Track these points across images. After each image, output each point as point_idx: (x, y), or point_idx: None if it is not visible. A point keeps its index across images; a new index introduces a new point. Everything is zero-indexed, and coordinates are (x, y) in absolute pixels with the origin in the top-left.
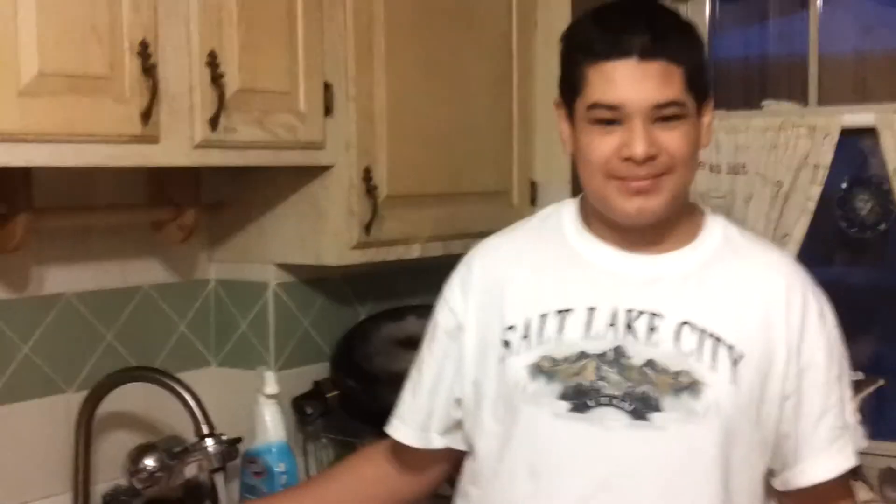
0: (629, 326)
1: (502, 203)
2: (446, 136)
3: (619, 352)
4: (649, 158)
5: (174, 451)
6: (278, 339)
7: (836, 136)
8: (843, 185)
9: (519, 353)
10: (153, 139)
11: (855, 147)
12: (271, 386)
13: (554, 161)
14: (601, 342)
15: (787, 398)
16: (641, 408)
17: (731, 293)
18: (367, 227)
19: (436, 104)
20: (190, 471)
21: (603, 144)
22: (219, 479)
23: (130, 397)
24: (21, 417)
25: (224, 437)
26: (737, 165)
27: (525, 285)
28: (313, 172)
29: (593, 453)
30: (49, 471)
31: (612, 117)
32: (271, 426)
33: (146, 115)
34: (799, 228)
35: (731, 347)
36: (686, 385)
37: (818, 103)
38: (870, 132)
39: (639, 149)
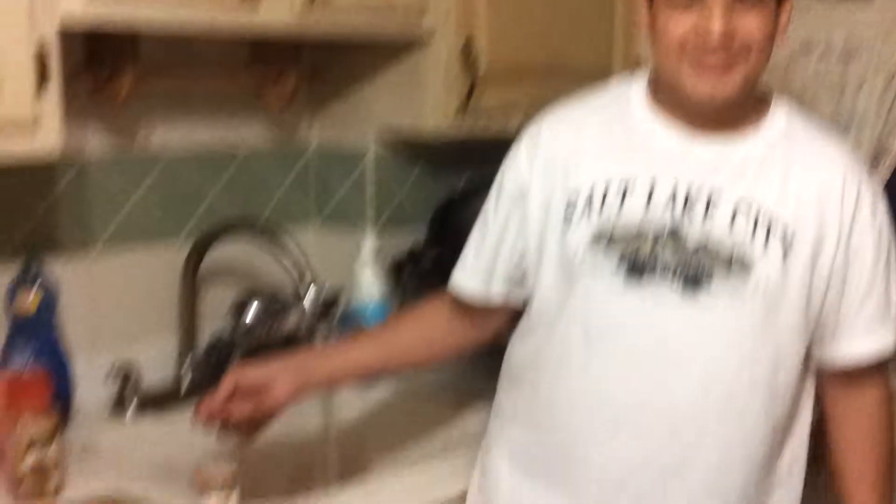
0: (687, 205)
1: (603, 80)
2: (549, 10)
3: (675, 229)
4: (726, 40)
5: (275, 303)
6: (377, 203)
7: None
8: None
9: (580, 223)
10: (254, 4)
11: None
12: (369, 248)
13: None
14: (659, 219)
15: (831, 282)
16: (692, 285)
17: (788, 179)
18: (467, 98)
19: None
20: (289, 323)
21: (680, 22)
22: (317, 332)
23: (235, 250)
24: (130, 265)
25: (323, 293)
26: (849, 51)
27: (589, 157)
28: (413, 42)
29: (643, 324)
30: (157, 317)
31: None
32: (368, 286)
33: None
34: None
35: (784, 232)
36: (737, 266)
37: None
38: None
39: (716, 28)
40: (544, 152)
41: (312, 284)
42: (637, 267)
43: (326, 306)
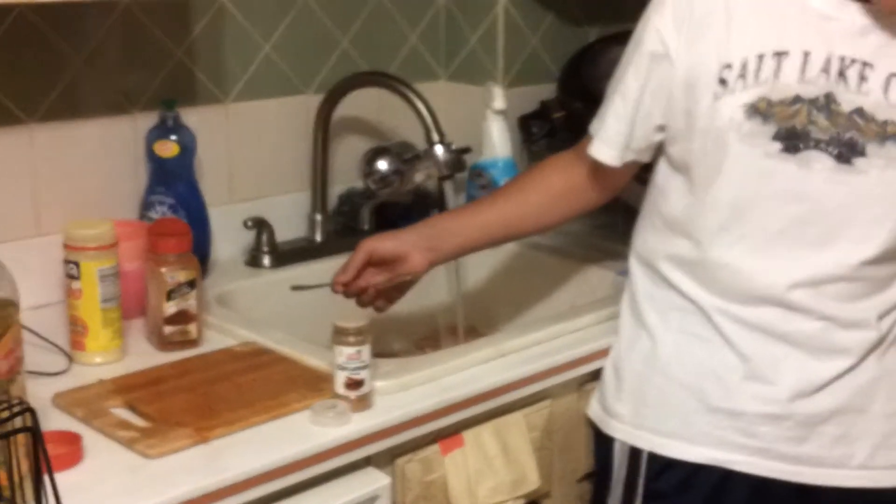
0: (841, 74)
1: None
2: None
3: (829, 98)
4: None
5: (406, 156)
6: (507, 55)
7: None
8: None
9: (734, 92)
10: None
11: None
12: (499, 101)
13: None
14: (814, 87)
15: None
16: (846, 152)
17: None
18: None
19: None
20: (419, 177)
21: None
22: (447, 186)
23: (364, 103)
24: (264, 115)
25: (453, 146)
26: None
27: (743, 22)
28: None
29: (796, 192)
30: (290, 170)
31: None
32: (498, 141)
33: None
34: None
35: None
36: (892, 133)
37: None
38: None
39: None
40: (694, 16)
41: (443, 135)
42: (793, 137)
43: (457, 158)
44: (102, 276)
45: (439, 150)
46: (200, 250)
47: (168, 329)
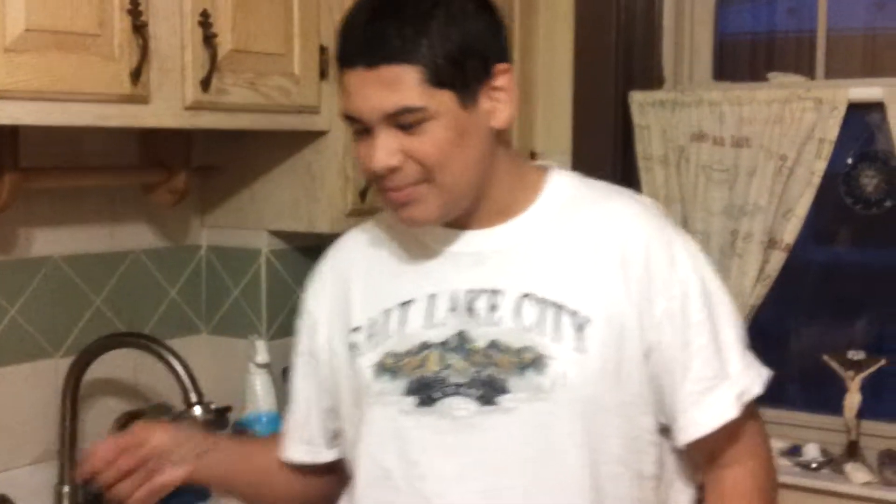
0: (470, 308)
1: None
2: None
3: (462, 337)
4: (393, 170)
5: (162, 419)
6: (270, 307)
7: (842, 110)
8: (849, 161)
9: (364, 354)
10: (143, 99)
11: (861, 122)
12: (262, 355)
13: (554, 131)
14: (443, 329)
15: (649, 354)
16: (488, 392)
17: (572, 255)
18: (363, 194)
19: None
20: None
21: (361, 155)
22: None
23: (119, 363)
24: (7, 382)
25: (213, 406)
26: (741, 139)
27: (369, 282)
28: (308, 137)
29: (446, 447)
30: (35, 437)
31: (358, 128)
32: (262, 395)
33: (136, 75)
34: (803, 204)
35: (573, 313)
36: (530, 361)
37: (825, 77)
38: (877, 107)
39: (376, 163)
40: (328, 286)
41: (201, 395)
42: (426, 388)
43: (217, 418)
44: None
45: (197, 410)
46: None
47: None
